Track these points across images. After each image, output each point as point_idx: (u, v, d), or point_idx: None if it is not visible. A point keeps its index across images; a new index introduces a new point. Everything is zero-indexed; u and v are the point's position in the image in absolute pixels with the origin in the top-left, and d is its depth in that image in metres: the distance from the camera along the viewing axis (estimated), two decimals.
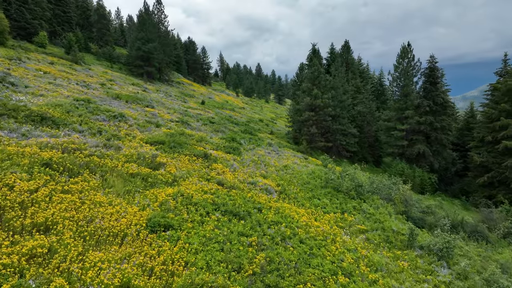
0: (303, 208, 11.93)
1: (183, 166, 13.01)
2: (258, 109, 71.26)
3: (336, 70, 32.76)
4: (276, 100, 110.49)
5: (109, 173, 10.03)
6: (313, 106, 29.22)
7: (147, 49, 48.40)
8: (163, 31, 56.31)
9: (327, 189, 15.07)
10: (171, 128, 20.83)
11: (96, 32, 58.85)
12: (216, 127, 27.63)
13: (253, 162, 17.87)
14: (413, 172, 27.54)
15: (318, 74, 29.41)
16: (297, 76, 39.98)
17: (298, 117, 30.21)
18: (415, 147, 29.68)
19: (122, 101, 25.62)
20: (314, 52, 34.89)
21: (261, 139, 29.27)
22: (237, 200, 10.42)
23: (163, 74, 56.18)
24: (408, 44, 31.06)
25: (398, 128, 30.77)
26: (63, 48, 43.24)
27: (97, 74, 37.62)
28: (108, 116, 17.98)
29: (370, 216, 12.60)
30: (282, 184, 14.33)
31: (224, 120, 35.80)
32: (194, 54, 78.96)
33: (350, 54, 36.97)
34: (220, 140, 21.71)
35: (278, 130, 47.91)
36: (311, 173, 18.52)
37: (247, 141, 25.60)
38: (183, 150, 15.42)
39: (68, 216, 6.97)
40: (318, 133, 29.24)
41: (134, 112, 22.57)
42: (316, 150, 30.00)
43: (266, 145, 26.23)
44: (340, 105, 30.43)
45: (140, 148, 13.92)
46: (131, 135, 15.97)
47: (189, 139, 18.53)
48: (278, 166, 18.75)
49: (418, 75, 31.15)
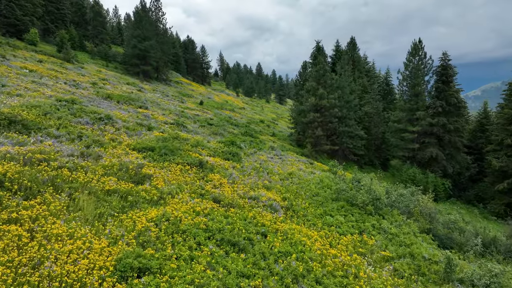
0: (315, 230, 10.05)
1: (174, 178, 11.14)
2: (258, 110, 69.39)
3: (342, 69, 30.88)
4: (277, 100, 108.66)
5: (79, 191, 8.18)
6: (318, 107, 27.36)
7: (144, 47, 46.57)
8: (160, 29, 54.46)
9: (339, 202, 13.19)
10: (165, 131, 18.96)
11: (91, 30, 57.00)
12: (214, 130, 25.77)
13: (255, 170, 16.00)
14: (425, 177, 25.68)
15: (324, 73, 27.55)
16: (300, 75, 38.13)
17: (302, 119, 28.36)
18: (427, 150, 27.81)
19: (113, 102, 23.76)
20: (319, 49, 33.04)
21: (263, 142, 27.42)
22: (236, 223, 8.56)
23: (161, 73, 54.33)
24: (419, 40, 29.18)
25: (409, 130, 28.89)
26: (56, 46, 41.44)
27: (90, 73, 35.77)
28: (93, 119, 16.12)
29: (393, 238, 10.72)
30: (288, 197, 12.46)
31: (223, 121, 33.94)
32: (193, 53, 77.14)
33: (356, 51, 35.10)
34: (218, 144, 19.85)
35: (280, 132, 46.04)
36: (319, 182, 16.65)
37: (248, 145, 23.75)
38: (175, 157, 13.55)
39: (4, 261, 5.10)
40: (323, 136, 27.38)
41: (124, 113, 20.71)
42: (321, 154, 28.14)
43: (268, 149, 24.37)
44: (347, 105, 28.57)
45: (124, 156, 12.06)
46: (117, 141, 14.10)
47: (183, 144, 16.66)
48: (282, 173, 16.88)
49: (430, 74, 29.28)
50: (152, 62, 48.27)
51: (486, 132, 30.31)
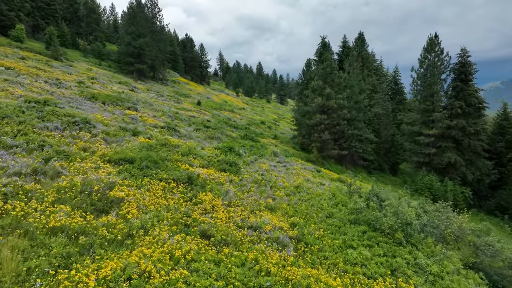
0: (336, 273, 7.62)
1: (152, 202, 8.71)
2: (259, 110, 66.95)
3: (351, 66, 28.41)
4: (277, 100, 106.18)
5: (6, 233, 5.76)
6: (325, 108, 24.92)
7: (138, 45, 44.14)
8: (157, 26, 52.04)
9: (360, 226, 10.75)
10: (152, 136, 16.54)
11: (84, 27, 54.55)
12: (211, 133, 23.34)
13: (256, 183, 13.58)
14: (444, 186, 23.22)
15: (331, 71, 25.09)
16: (303, 74, 35.67)
17: (306, 121, 25.90)
18: (444, 155, 25.35)
19: (97, 103, 21.35)
20: (324, 46, 30.55)
21: (264, 146, 24.99)
22: (232, 273, 6.14)
23: (157, 72, 51.90)
24: (436, 35, 26.69)
25: (424, 133, 26.41)
26: (45, 43, 39.04)
27: (79, 71, 33.35)
28: (66, 123, 13.69)
29: (436, 280, 8.29)
30: (297, 222, 10.03)
31: (221, 123, 31.52)
32: (192, 51, 74.70)
33: (365, 48, 32.64)
34: (214, 151, 17.41)
35: (282, 134, 43.58)
36: (331, 196, 14.22)
37: (248, 151, 21.32)
38: (160, 171, 11.13)
39: None
40: (330, 140, 24.92)
41: (108, 116, 18.31)
42: (328, 159, 25.70)
43: (270, 155, 21.93)
44: (356, 106, 26.12)
45: (93, 172, 9.64)
46: (90, 150, 11.68)
47: (172, 152, 14.24)
48: (288, 187, 14.45)
49: (447, 72, 26.80)
50: (147, 61, 45.83)
51: (506, 135, 27.88)
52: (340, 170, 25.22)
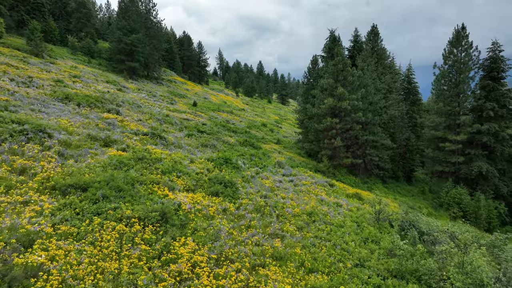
0: None
1: (92, 269, 5.44)
2: (260, 111, 63.69)
3: (364, 62, 25.09)
4: (279, 101, 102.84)
5: None
6: (336, 110, 21.67)
7: (130, 41, 40.82)
8: (152, 21, 48.79)
9: (407, 285, 7.48)
10: (129, 147, 13.29)
11: (74, 23, 51.28)
12: (205, 140, 20.07)
13: (258, 212, 10.33)
14: (476, 202, 19.92)
15: (343, 67, 21.81)
16: (309, 72, 32.34)
17: (315, 124, 22.62)
18: (473, 164, 22.06)
19: (70, 105, 18.13)
20: (334, 40, 27.17)
21: (267, 154, 21.73)
22: None
23: (151, 70, 48.63)
24: (463, 27, 23.35)
25: (450, 139, 23.10)
26: (26, 39, 35.84)
27: (61, 69, 30.13)
28: (8, 132, 10.45)
29: None
30: (320, 286, 6.76)
31: (218, 126, 28.28)
32: (189, 49, 71.42)
33: (379, 42, 29.23)
34: (206, 164, 14.15)
35: (285, 137, 40.31)
36: (356, 228, 10.96)
37: (248, 161, 18.07)
38: (122, 204, 7.88)
39: None
40: (343, 146, 21.66)
41: (79, 121, 15.08)
42: (339, 168, 22.43)
43: (274, 166, 18.68)
44: (371, 108, 22.84)
45: (15, 210, 6.39)
46: (29, 172, 8.45)
47: (149, 170, 10.99)
48: (299, 214, 11.20)
49: (475, 69, 23.47)
50: (140, 58, 42.55)
51: None
52: (354, 181, 21.95)
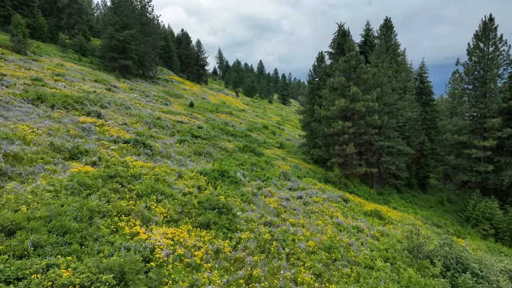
0: None
1: None
2: (260, 112, 61.13)
3: (379, 59, 22.52)
4: (280, 101, 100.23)
5: None
6: (348, 112, 19.11)
7: (122, 37, 38.24)
8: (146, 17, 46.26)
9: None
10: (102, 159, 10.74)
11: (66, 19, 48.75)
12: (199, 147, 17.49)
13: (262, 250, 7.80)
14: (510, 218, 17.35)
15: (356, 64, 19.25)
16: (314, 70, 29.77)
17: (324, 129, 20.05)
18: (504, 174, 19.51)
19: (42, 106, 15.61)
20: (344, 34, 24.51)
21: (270, 162, 19.16)
22: None
23: (147, 69, 46.12)
24: (490, 18, 20.80)
25: (476, 145, 20.55)
26: (10, 35, 33.37)
27: (44, 66, 27.60)
28: None
29: None
30: None
31: (216, 130, 25.75)
32: (188, 47, 68.91)
33: (393, 37, 26.54)
34: (198, 180, 11.60)
35: (288, 140, 37.75)
36: (390, 271, 8.40)
37: (248, 172, 15.52)
38: (61, 258, 5.33)
39: None
40: (355, 153, 19.11)
41: (46, 125, 12.56)
42: (352, 178, 19.89)
43: (279, 178, 16.12)
44: (387, 110, 20.28)
45: None
46: None
47: (120, 193, 8.45)
48: (315, 250, 8.67)
49: (504, 66, 20.91)
50: (133, 56, 39.99)
51: None
52: (369, 193, 19.40)
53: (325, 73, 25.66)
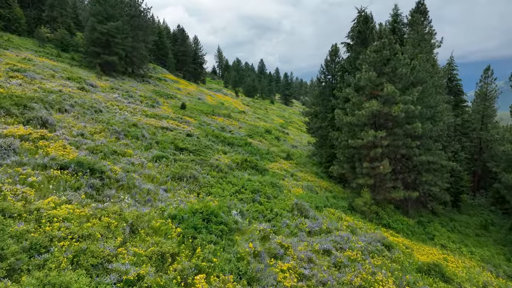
0: None
1: None
2: (262, 113, 56.38)
3: (416, 49, 17.78)
4: (282, 101, 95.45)
5: None
6: (381, 119, 14.40)
7: (106, 30, 33.57)
8: (135, 9, 41.64)
9: None
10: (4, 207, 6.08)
11: (47, 12, 44.12)
12: (180, 167, 12.70)
13: None
14: None
15: (391, 54, 14.56)
16: (327, 67, 25.03)
17: (347, 139, 15.36)
18: None
19: None
20: (366, 21, 19.71)
21: (277, 184, 14.43)
22: None
23: (136, 67, 41.50)
24: None
25: None
26: None
27: (2, 61, 23.08)
28: None
29: None
30: None
31: (209, 137, 21.05)
32: (184, 44, 64.20)
33: (428, 24, 21.68)
34: (163, 237, 6.95)
35: (295, 147, 33.03)
36: None
37: (248, 206, 10.86)
38: None
39: None
40: (390, 172, 14.41)
41: None
42: (384, 204, 15.18)
43: (291, 213, 11.42)
44: (430, 114, 15.60)
45: None
46: None
47: None
48: None
49: None
50: (119, 51, 35.30)
51: None
52: (407, 225, 14.70)
53: (342, 69, 20.99)
